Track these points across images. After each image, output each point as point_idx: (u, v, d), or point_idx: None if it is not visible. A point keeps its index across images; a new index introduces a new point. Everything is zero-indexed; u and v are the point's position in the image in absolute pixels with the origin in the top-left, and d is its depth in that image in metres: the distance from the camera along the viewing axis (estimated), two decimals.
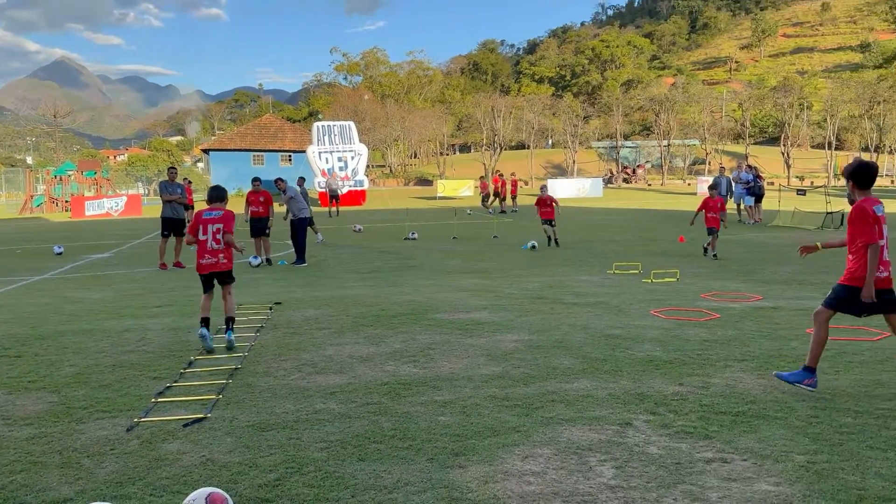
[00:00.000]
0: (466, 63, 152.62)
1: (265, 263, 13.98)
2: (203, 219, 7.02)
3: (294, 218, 14.37)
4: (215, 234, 6.97)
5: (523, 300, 9.31)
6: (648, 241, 17.69)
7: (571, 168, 71.41)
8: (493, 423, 4.57)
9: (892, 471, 3.70)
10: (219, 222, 7.02)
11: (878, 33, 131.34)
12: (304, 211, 14.51)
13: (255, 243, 14.14)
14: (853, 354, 6.14)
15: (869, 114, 66.41)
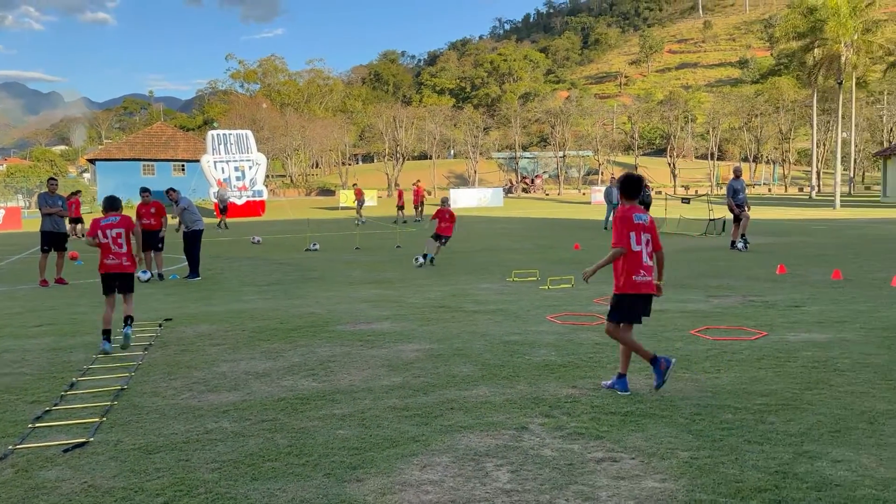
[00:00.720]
0: (368, 73, 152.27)
1: (156, 278, 13.40)
2: (102, 225, 7.44)
3: (187, 230, 13.86)
4: (116, 239, 7.40)
5: (425, 309, 9.34)
6: (546, 249, 18.17)
7: (473, 178, 72.48)
8: (392, 434, 4.55)
9: (767, 462, 3.94)
10: (119, 227, 7.47)
11: (755, 51, 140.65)
12: (197, 223, 14.02)
13: (146, 257, 13.51)
14: (733, 353, 6.51)
15: (747, 126, 70.94)
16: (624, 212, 5.38)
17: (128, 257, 7.50)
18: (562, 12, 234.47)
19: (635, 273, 5.34)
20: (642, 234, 5.36)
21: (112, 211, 7.64)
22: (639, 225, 5.35)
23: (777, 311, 8.59)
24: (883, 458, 3.94)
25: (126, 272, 7.50)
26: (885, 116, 66.02)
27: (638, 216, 5.38)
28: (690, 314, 8.55)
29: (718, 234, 20.56)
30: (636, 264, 5.34)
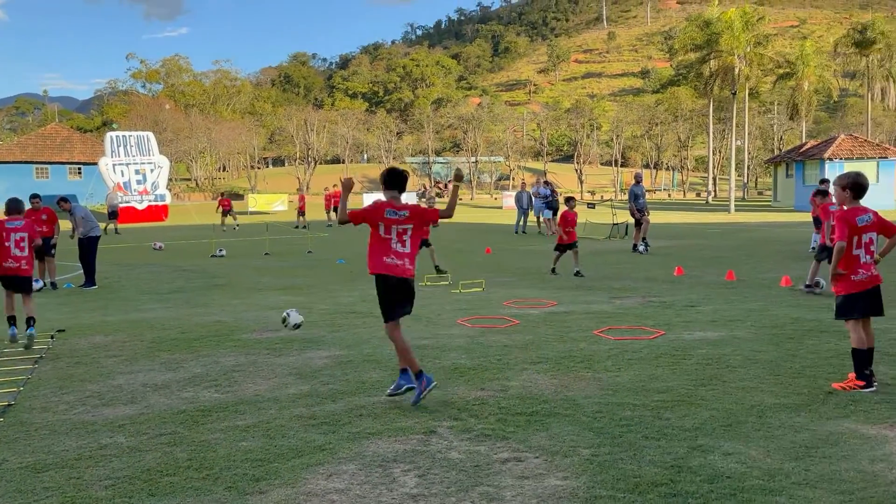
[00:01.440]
0: (277, 75, 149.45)
1: (49, 287, 12.67)
2: (6, 228, 7.62)
3: (83, 236, 13.18)
4: (18, 242, 7.62)
5: (336, 315, 9.24)
6: (458, 253, 18.32)
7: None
8: (297, 444, 4.46)
9: (663, 457, 4.10)
10: (23, 231, 7.70)
11: (656, 62, 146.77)
12: (94, 229, 13.36)
13: (38, 266, 12.75)
14: (633, 352, 6.75)
15: (649, 134, 73.88)
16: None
17: (27, 261, 7.82)
18: (472, 20, 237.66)
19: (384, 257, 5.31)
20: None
21: (16, 214, 7.93)
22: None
23: (674, 310, 8.98)
24: (770, 450, 4.18)
25: (24, 276, 7.81)
26: (775, 125, 70.27)
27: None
28: (594, 315, 8.81)
29: (622, 238, 21.30)
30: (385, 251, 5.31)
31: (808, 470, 3.86)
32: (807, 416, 4.75)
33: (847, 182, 5.55)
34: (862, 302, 5.41)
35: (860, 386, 5.32)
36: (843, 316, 5.50)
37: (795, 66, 52.31)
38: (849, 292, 5.43)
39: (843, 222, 5.39)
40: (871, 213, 5.54)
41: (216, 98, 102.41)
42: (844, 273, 5.41)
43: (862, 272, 5.40)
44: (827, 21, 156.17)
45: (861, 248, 5.40)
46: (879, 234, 5.56)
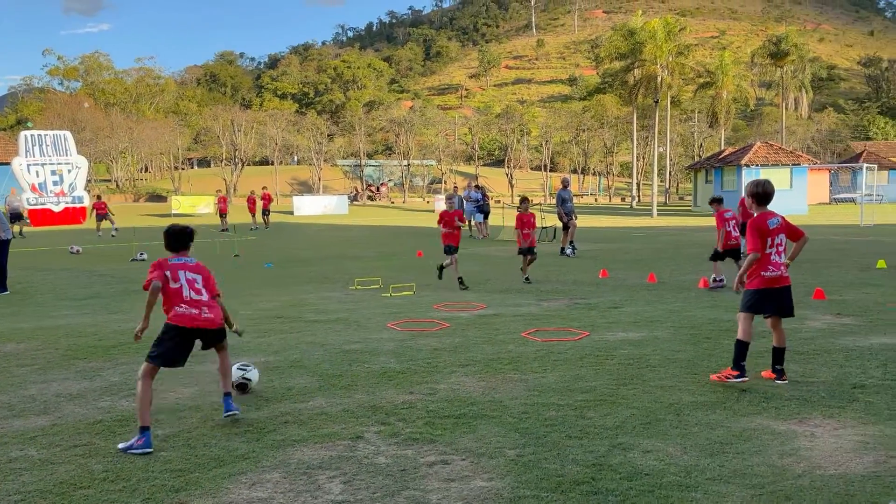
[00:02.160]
0: (203, 73, 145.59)
1: None
2: None
3: None
4: None
5: (261, 320, 9.06)
6: (390, 257, 18.29)
7: (317, 185, 71.46)
8: (219, 453, 4.36)
9: (585, 456, 4.20)
10: None
11: (583, 69, 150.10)
12: (6, 232, 12.72)
13: None
14: (559, 353, 6.88)
15: (576, 140, 75.49)
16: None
17: None
18: (404, 23, 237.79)
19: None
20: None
21: None
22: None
23: (598, 312, 9.20)
24: (686, 447, 4.33)
25: None
26: (696, 133, 72.90)
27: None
28: (522, 317, 8.94)
29: (550, 241, 21.68)
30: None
31: (723, 466, 4.02)
32: (722, 414, 4.95)
33: (753, 190, 5.78)
34: (771, 300, 5.64)
35: (734, 376, 5.57)
36: (751, 310, 5.67)
37: (715, 76, 54.45)
38: (760, 287, 5.62)
39: (755, 230, 5.58)
40: (780, 217, 5.79)
41: (138, 97, 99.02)
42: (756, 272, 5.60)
43: (772, 269, 5.62)
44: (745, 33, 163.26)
45: (773, 248, 5.62)
46: (788, 238, 5.81)
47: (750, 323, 5.67)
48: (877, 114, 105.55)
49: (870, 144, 74.83)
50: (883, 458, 4.09)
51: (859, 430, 4.57)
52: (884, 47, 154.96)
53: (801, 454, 4.18)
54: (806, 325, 8.06)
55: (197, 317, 4.99)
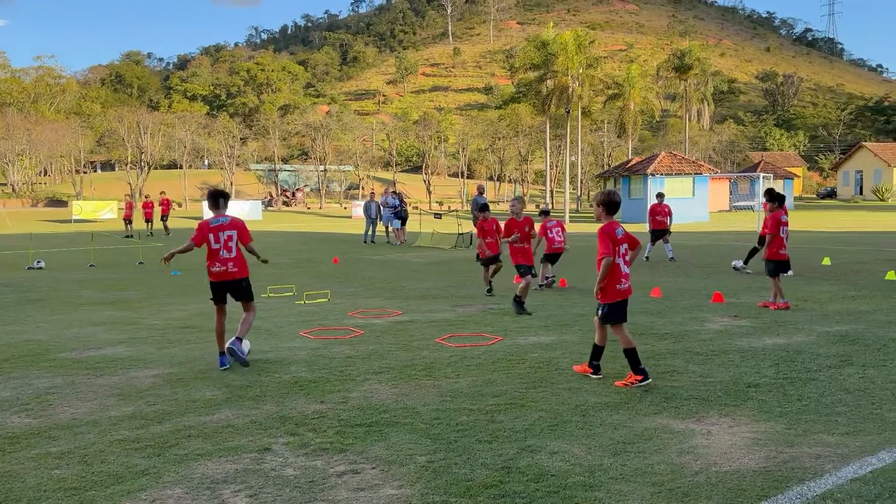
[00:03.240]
0: (108, 73, 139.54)
1: None
2: None
3: None
4: None
5: (167, 331, 8.75)
6: (305, 263, 18.00)
7: (230, 190, 69.62)
8: (118, 470, 4.18)
9: (494, 460, 4.25)
10: None
11: (499, 79, 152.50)
12: None
13: None
14: (472, 359, 6.95)
15: (492, 148, 76.62)
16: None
17: None
18: (320, 27, 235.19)
19: None
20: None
21: None
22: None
23: (511, 317, 9.34)
24: (591, 447, 4.45)
25: None
26: (605, 142, 75.28)
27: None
28: (437, 323, 8.98)
29: (466, 247, 21.88)
30: None
31: (625, 465, 4.16)
32: (625, 414, 5.12)
33: (600, 199, 6.10)
34: (623, 309, 6.01)
35: (639, 380, 5.84)
36: (610, 321, 6.00)
37: (623, 88, 56.41)
38: (615, 300, 5.96)
39: (606, 236, 5.91)
40: (621, 227, 6.10)
41: (37, 97, 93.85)
42: (611, 284, 5.91)
43: (623, 281, 5.97)
44: (651, 47, 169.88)
45: (620, 258, 5.95)
46: (630, 247, 6.14)
47: (605, 331, 6.07)
48: (773, 125, 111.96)
49: (766, 154, 79.39)
50: (773, 453, 4.32)
51: (752, 427, 4.82)
52: (779, 63, 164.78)
53: (699, 452, 4.37)
54: (705, 327, 8.45)
55: (225, 273, 6.82)
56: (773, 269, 9.66)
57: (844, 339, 7.60)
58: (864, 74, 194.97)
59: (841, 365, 6.47)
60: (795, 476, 3.95)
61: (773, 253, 9.65)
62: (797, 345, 7.35)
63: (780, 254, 9.66)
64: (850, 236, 25.25)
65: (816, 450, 4.35)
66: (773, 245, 9.66)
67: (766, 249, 9.86)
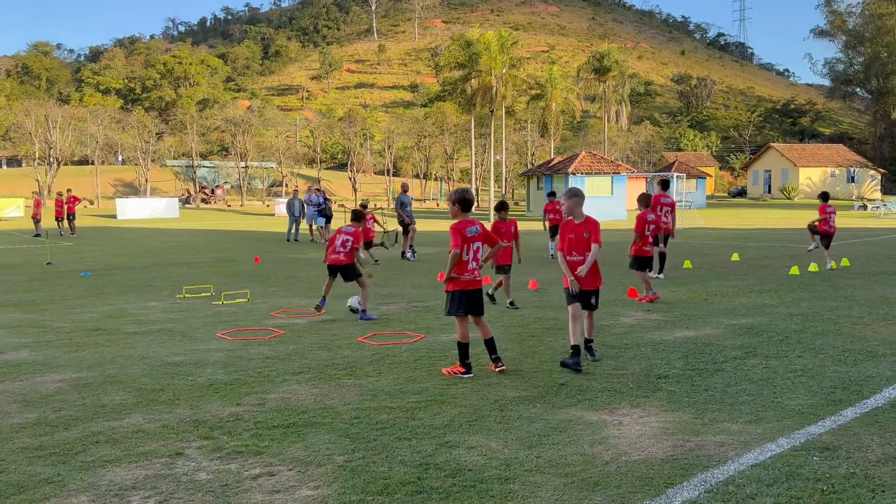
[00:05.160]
0: (13, 65, 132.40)
1: None
2: None
3: None
4: None
5: (75, 334, 8.38)
6: (225, 262, 17.56)
7: (144, 187, 67.14)
8: (20, 479, 3.98)
9: (413, 456, 4.27)
10: None
11: (424, 76, 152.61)
12: None
13: None
14: (394, 356, 6.96)
15: (418, 146, 76.71)
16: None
17: None
18: (241, 20, 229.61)
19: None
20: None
21: None
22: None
23: (434, 314, 9.39)
24: (508, 441, 4.53)
25: None
26: (528, 142, 76.52)
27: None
28: (359, 322, 8.94)
29: (391, 246, 21.84)
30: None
31: (539, 457, 4.25)
32: (541, 407, 5.24)
33: (455, 197, 6.40)
34: (466, 300, 6.23)
35: (461, 372, 6.18)
36: (452, 312, 6.29)
37: (545, 89, 57.46)
38: (455, 289, 6.24)
39: (456, 232, 6.20)
40: (478, 224, 6.38)
41: None
42: (457, 276, 6.21)
43: (467, 275, 6.25)
44: (572, 48, 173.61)
45: (469, 254, 6.24)
46: (484, 244, 6.42)
47: (464, 324, 6.27)
48: (687, 127, 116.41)
49: (681, 155, 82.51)
50: (680, 441, 4.51)
51: (661, 417, 5.01)
52: (693, 66, 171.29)
53: (610, 442, 4.51)
54: (620, 321, 8.72)
55: (337, 259, 9.32)
56: (637, 264, 10.49)
57: (749, 331, 7.99)
58: (772, 78, 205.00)
59: (746, 356, 6.80)
60: (700, 463, 4.13)
61: (638, 249, 10.48)
62: (705, 337, 7.68)
63: (644, 250, 10.54)
64: (758, 233, 26.55)
65: (721, 438, 4.57)
66: (638, 242, 10.48)
67: (631, 246, 10.62)
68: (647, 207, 10.80)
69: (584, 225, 6.58)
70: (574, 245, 6.55)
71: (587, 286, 6.55)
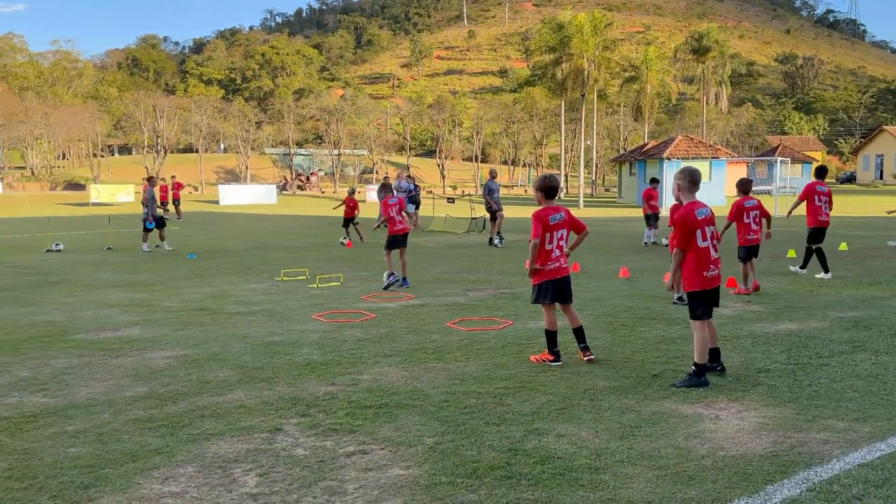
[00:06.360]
0: (124, 57, 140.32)
1: None
2: None
3: None
4: None
5: (182, 313, 8.85)
6: (319, 248, 18.09)
7: (245, 174, 69.91)
8: (132, 448, 4.26)
9: (501, 442, 4.29)
10: None
11: (514, 61, 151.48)
12: None
13: None
14: (482, 342, 6.99)
15: (507, 132, 76.29)
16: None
17: None
18: (335, 10, 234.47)
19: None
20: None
21: None
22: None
23: (522, 301, 9.36)
24: (598, 431, 4.48)
25: None
26: (621, 126, 74.72)
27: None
28: (448, 307, 9.02)
29: (479, 232, 21.89)
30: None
31: (631, 448, 4.18)
32: (633, 398, 5.14)
33: (539, 184, 6.23)
34: (552, 289, 6.09)
35: (550, 360, 6.09)
36: (538, 300, 6.20)
37: (640, 71, 55.93)
38: (542, 280, 6.10)
39: (538, 221, 6.03)
40: (564, 211, 6.19)
41: (55, 81, 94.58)
42: (540, 268, 6.06)
43: (552, 264, 6.08)
44: (669, 29, 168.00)
45: (553, 242, 6.08)
46: (570, 231, 6.26)
47: (551, 311, 6.15)
48: (792, 109, 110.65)
49: (785, 139, 78.46)
50: (781, 438, 4.33)
51: (761, 412, 4.82)
52: (799, 45, 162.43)
53: (706, 436, 4.38)
54: (718, 312, 8.40)
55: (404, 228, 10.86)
56: (744, 254, 9.81)
57: (858, 324, 7.55)
58: (886, 57, 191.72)
59: (853, 351, 6.44)
60: (802, 461, 3.96)
61: (743, 239, 9.79)
62: (810, 330, 7.32)
63: (747, 239, 9.81)
64: (868, 221, 24.98)
65: (825, 435, 4.36)
66: (741, 231, 9.80)
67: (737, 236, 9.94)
68: (746, 194, 10.15)
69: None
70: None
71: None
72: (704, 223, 5.61)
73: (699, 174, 5.86)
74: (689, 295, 5.70)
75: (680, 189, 5.73)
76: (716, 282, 5.67)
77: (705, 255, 5.58)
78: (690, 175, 5.72)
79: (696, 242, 5.55)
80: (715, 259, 5.66)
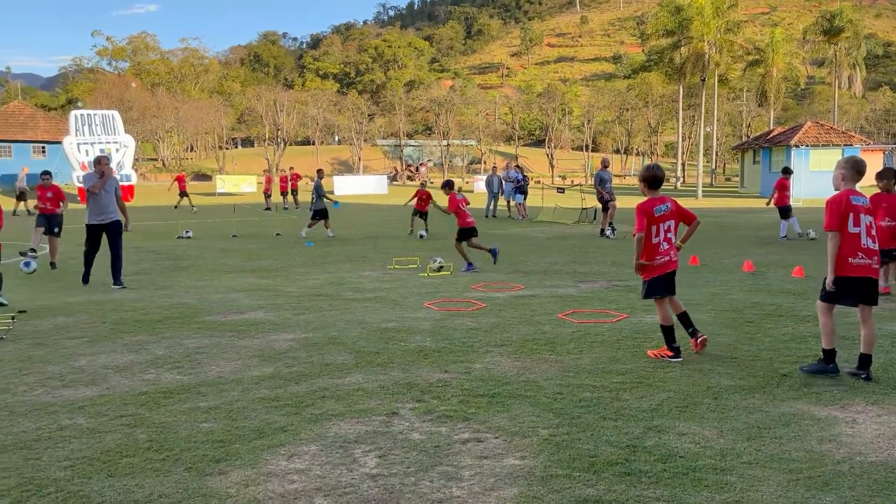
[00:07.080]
0: (247, 54, 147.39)
1: (50, 268, 12.58)
2: None
3: None
4: None
5: (302, 298, 9.21)
6: (429, 238, 18.33)
7: (358, 165, 71.92)
8: (259, 425, 4.47)
9: (619, 437, 4.19)
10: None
11: (628, 47, 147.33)
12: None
13: (50, 243, 12.96)
14: (596, 335, 6.85)
15: (620, 119, 74.46)
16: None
17: None
18: (445, 1, 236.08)
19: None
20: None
21: None
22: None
23: (636, 294, 9.06)
24: (723, 430, 4.29)
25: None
26: (744, 112, 71.16)
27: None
28: (559, 299, 8.91)
29: (590, 223, 21.48)
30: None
31: (759, 450, 3.97)
32: (761, 398, 4.88)
33: (643, 175, 5.94)
34: (663, 283, 5.84)
35: (669, 356, 5.83)
36: (650, 296, 5.94)
37: (765, 54, 52.91)
38: (652, 276, 5.84)
39: (641, 213, 5.75)
40: (670, 202, 5.84)
41: (183, 77, 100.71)
42: (648, 264, 5.79)
43: (659, 258, 5.79)
44: (797, 9, 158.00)
45: (660, 235, 5.77)
46: (679, 222, 5.92)
47: (664, 306, 5.91)
48: None
49: None
50: None
51: None
52: None
53: (842, 440, 4.10)
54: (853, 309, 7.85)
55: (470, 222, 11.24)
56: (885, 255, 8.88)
57: None
58: None
59: None
60: None
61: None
62: None
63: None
64: None
65: None
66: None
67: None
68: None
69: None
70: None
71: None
72: (860, 210, 5.30)
73: (865, 165, 5.54)
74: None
75: (844, 178, 5.43)
76: (862, 271, 5.30)
77: (855, 241, 5.26)
78: (856, 165, 5.44)
79: (847, 227, 5.25)
80: (866, 248, 5.28)
